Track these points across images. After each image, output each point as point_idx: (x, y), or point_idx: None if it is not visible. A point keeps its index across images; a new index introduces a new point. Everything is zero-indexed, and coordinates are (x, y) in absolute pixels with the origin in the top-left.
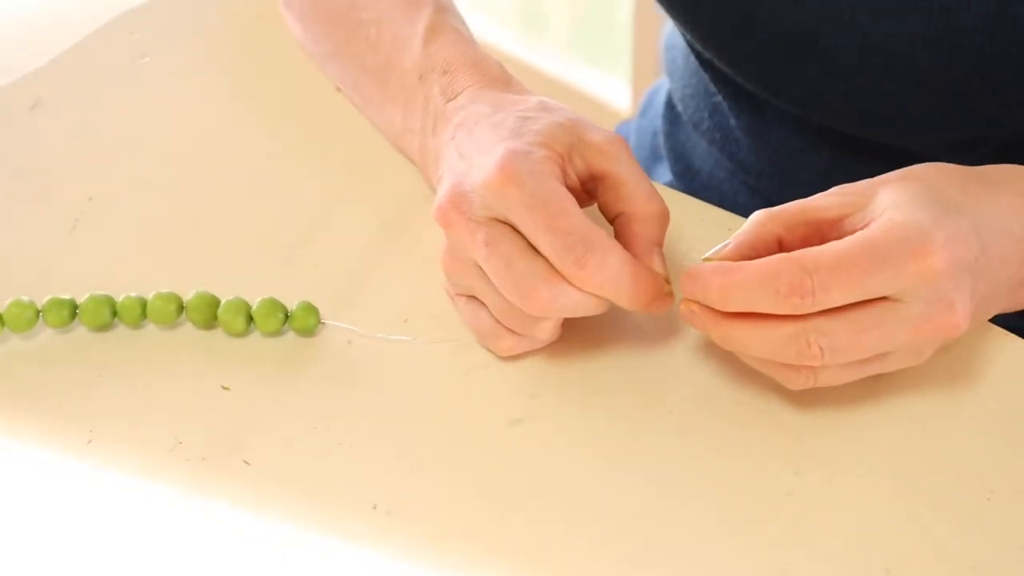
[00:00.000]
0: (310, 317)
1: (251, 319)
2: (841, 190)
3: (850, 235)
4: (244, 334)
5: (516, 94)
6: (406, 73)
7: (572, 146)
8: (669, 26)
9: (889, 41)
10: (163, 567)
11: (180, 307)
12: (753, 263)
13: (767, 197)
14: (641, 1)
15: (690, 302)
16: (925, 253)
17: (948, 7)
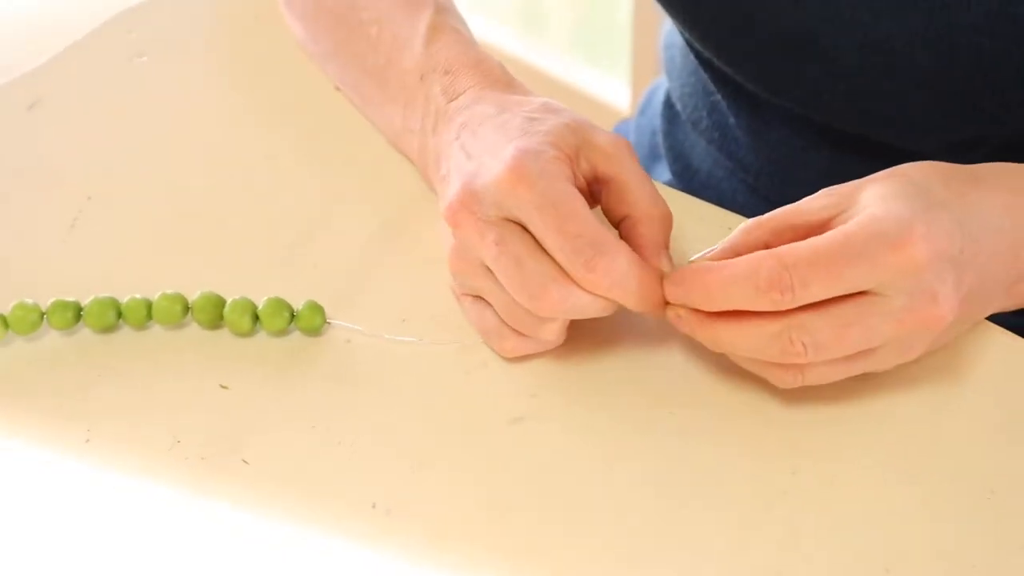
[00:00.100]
0: (316, 316)
1: (257, 319)
2: (828, 192)
3: None
4: (250, 334)
5: (519, 95)
6: (406, 73)
7: (579, 148)
8: (668, 25)
9: (889, 40)
10: (163, 567)
11: (186, 308)
12: (732, 261)
13: (766, 196)
14: (641, 0)
15: (677, 307)
16: (904, 245)
17: (949, 6)
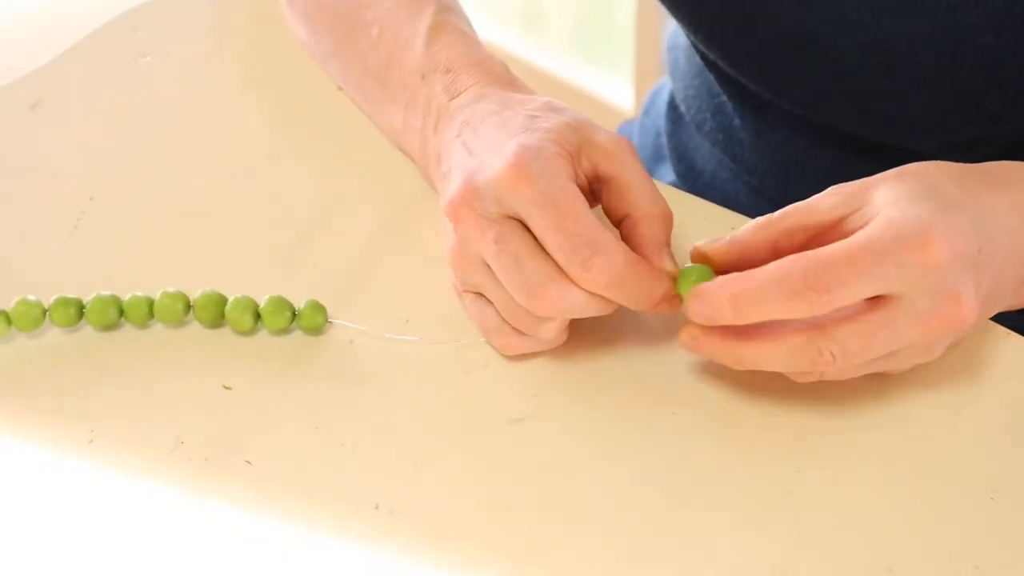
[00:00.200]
0: (317, 316)
1: (259, 317)
2: (837, 191)
3: (851, 235)
4: (251, 332)
5: (521, 94)
6: (408, 72)
7: (580, 146)
8: (672, 26)
9: (891, 41)
10: (164, 567)
11: (187, 306)
12: (763, 268)
13: (770, 198)
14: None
15: (691, 327)
16: (924, 246)
17: (954, 6)
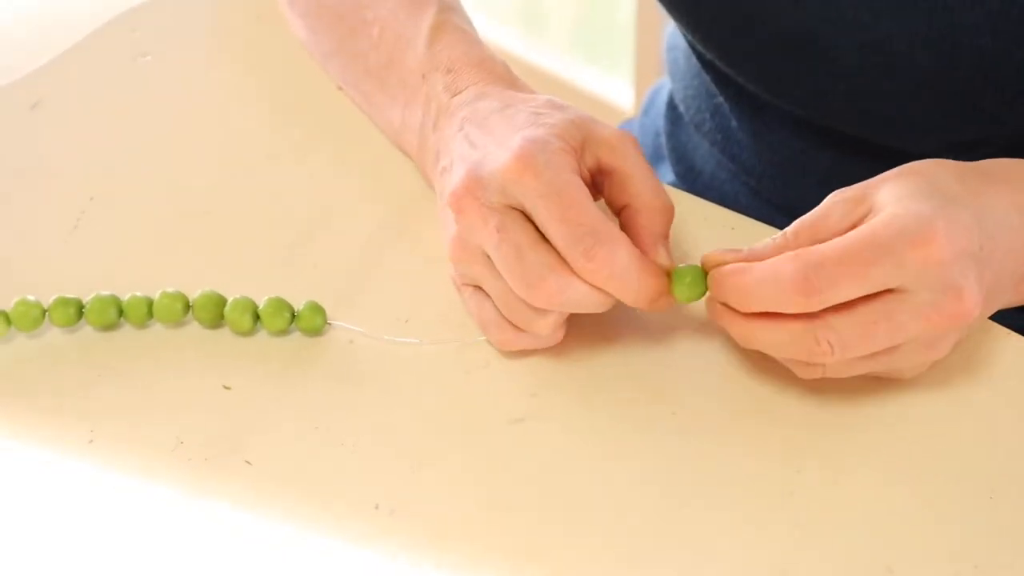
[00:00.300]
0: (317, 317)
1: (258, 318)
2: (843, 198)
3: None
4: (250, 333)
5: (523, 92)
6: (408, 72)
7: (584, 141)
8: (671, 26)
9: (889, 41)
10: (164, 567)
11: (187, 306)
12: (761, 264)
13: (768, 199)
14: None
15: (717, 301)
16: (927, 241)
17: (951, 7)
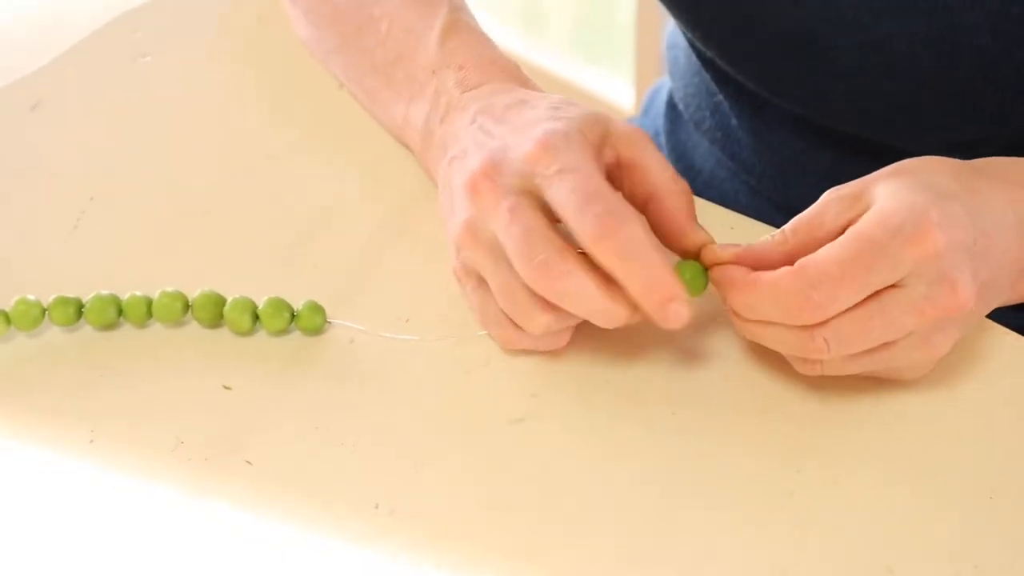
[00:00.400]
0: (316, 317)
1: (257, 318)
2: (839, 196)
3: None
4: (250, 333)
5: (536, 92)
6: (418, 67)
7: (603, 136)
8: (671, 24)
9: (890, 41)
10: (164, 567)
11: (186, 306)
12: (764, 280)
13: (768, 197)
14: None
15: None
16: (920, 236)
17: (950, 7)
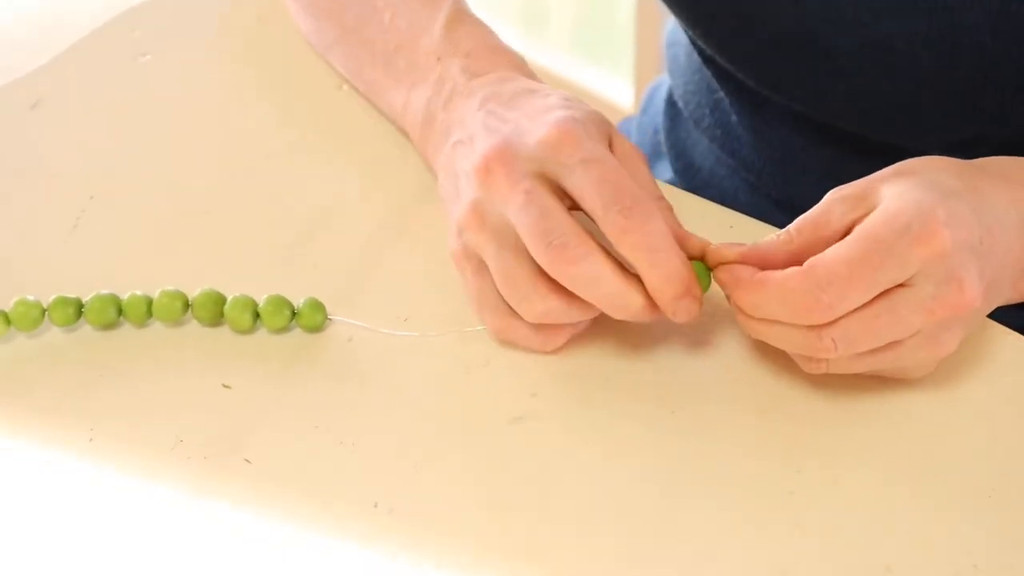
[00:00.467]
0: (317, 314)
1: (257, 316)
2: (843, 196)
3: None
4: (250, 331)
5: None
6: (421, 54)
7: (608, 138)
8: (671, 23)
9: (890, 40)
10: (164, 566)
11: (186, 305)
12: (772, 280)
13: (768, 195)
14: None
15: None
16: (929, 236)
17: (950, 6)
